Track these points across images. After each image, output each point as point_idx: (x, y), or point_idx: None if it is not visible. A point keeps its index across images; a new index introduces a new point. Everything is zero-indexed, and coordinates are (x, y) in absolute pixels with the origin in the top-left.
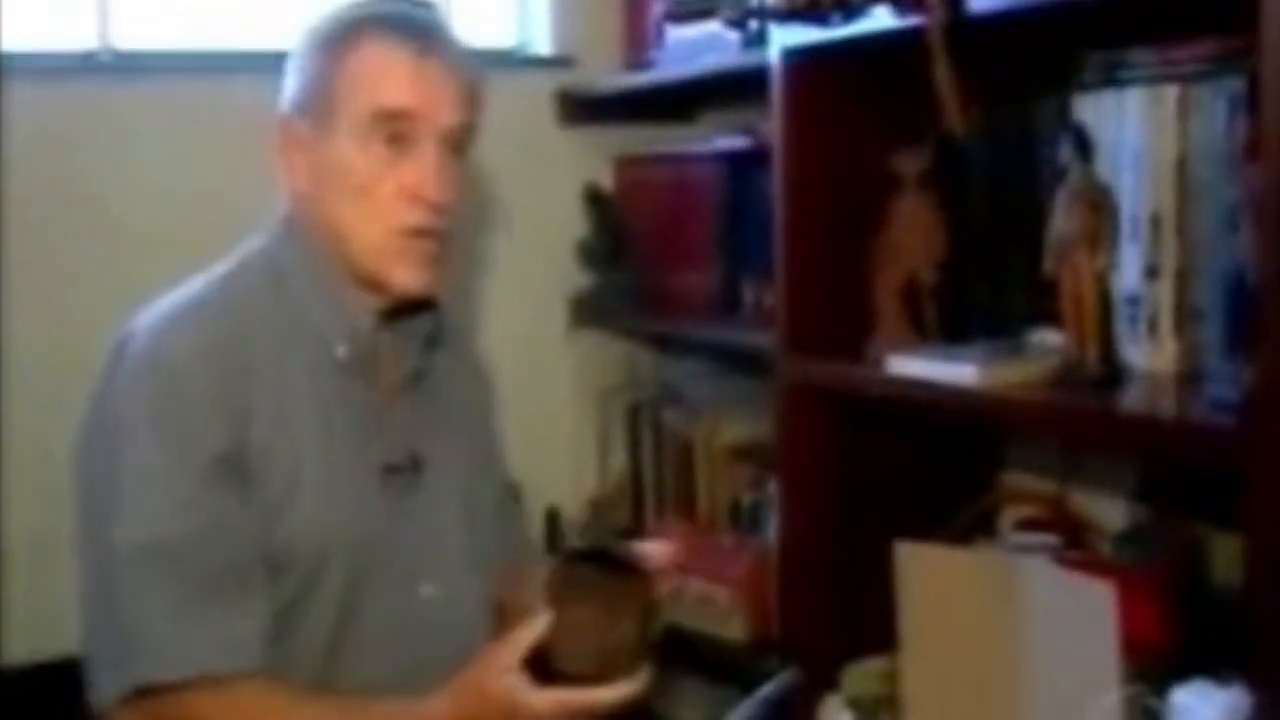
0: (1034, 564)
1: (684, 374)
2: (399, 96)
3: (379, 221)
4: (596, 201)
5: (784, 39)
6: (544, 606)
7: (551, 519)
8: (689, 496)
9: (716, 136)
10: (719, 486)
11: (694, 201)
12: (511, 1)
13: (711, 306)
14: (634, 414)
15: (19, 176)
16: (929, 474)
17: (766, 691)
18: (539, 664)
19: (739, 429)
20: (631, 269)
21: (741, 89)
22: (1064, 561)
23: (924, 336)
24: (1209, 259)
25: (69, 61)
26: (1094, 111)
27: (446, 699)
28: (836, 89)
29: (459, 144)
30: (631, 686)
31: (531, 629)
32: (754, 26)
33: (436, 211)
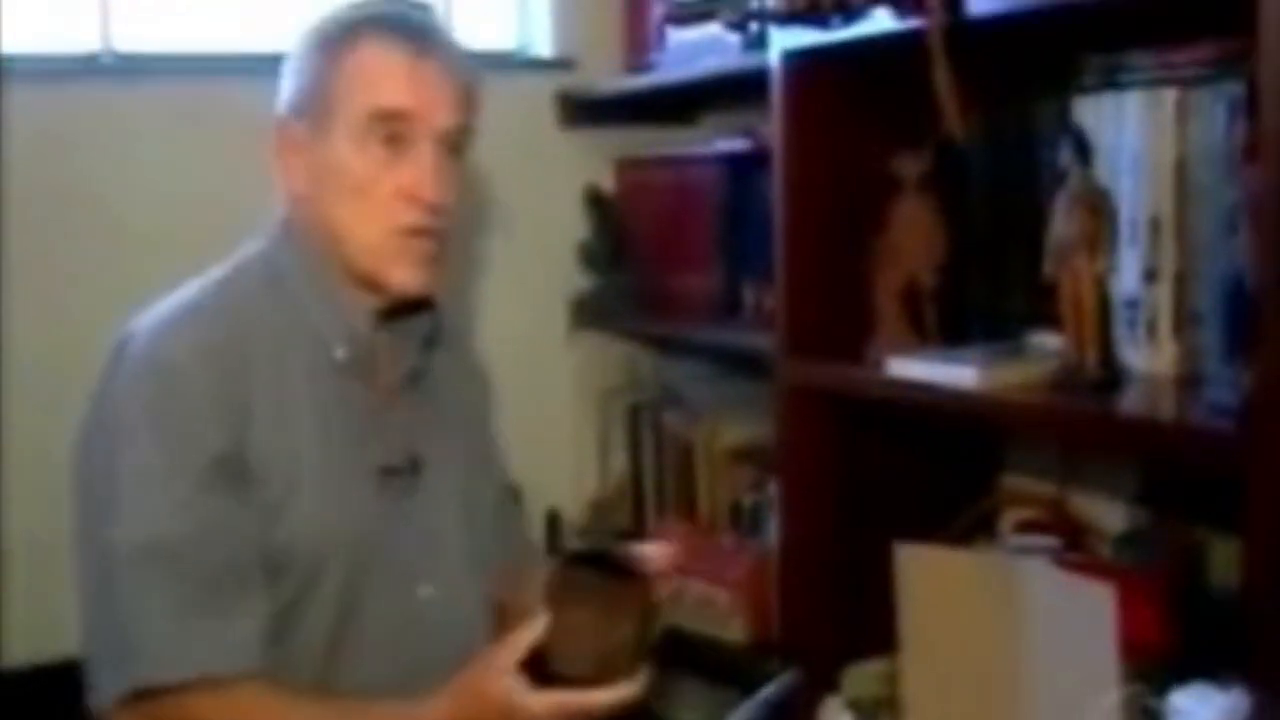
0: (1034, 566)
1: (684, 376)
2: (396, 97)
3: (376, 222)
4: (597, 203)
5: (784, 41)
6: (542, 609)
7: (552, 521)
8: (689, 498)
9: (717, 139)
10: (719, 488)
11: (694, 203)
12: (512, 4)
13: (712, 308)
14: (634, 416)
15: (20, 178)
16: (929, 476)
17: (767, 693)
18: (537, 666)
19: (739, 431)
20: (632, 271)
21: (742, 91)
22: (1064, 564)
23: (924, 339)
24: (1208, 262)
25: (71, 64)
26: (1093, 115)
27: (445, 701)
28: (836, 91)
29: (456, 145)
30: (630, 689)
31: (530, 631)
32: (754, 29)
33: (433, 211)
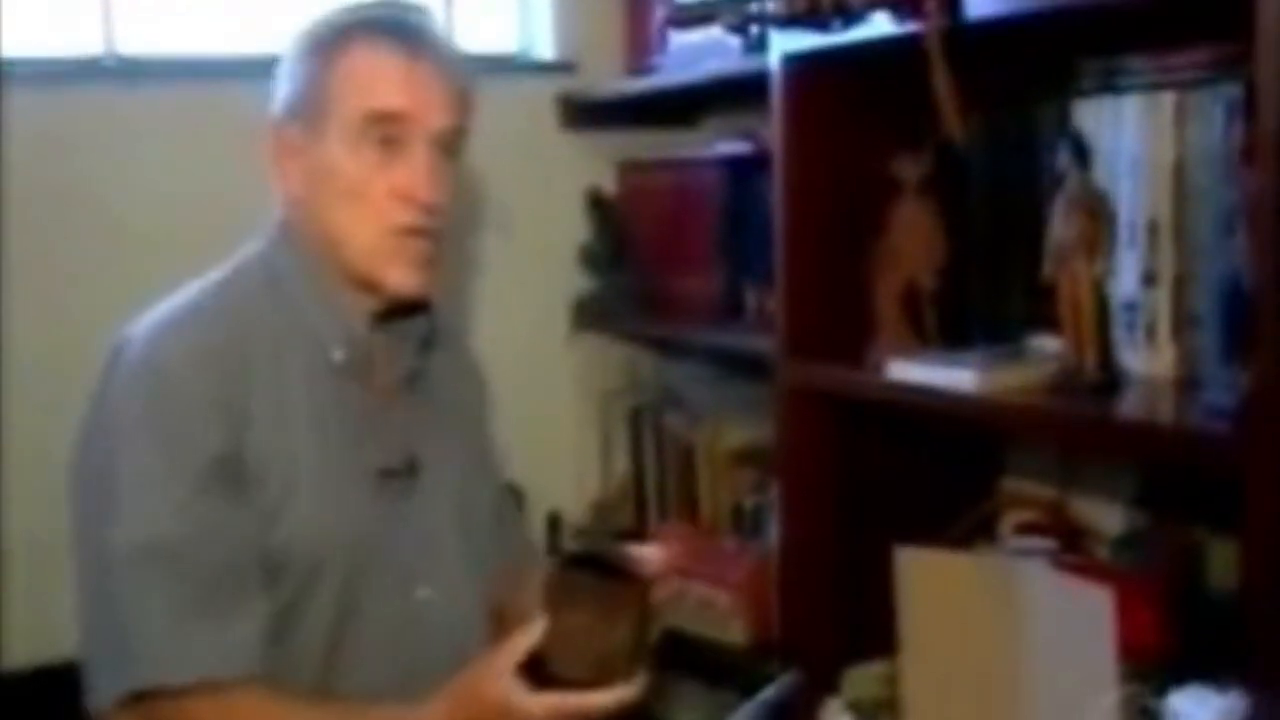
0: (1033, 568)
1: (685, 378)
2: (390, 99)
3: (372, 223)
4: (598, 206)
5: (784, 44)
6: (540, 611)
7: (553, 523)
8: (691, 500)
9: (718, 141)
10: (720, 490)
11: (695, 206)
12: (513, 7)
13: (713, 311)
14: (636, 418)
15: (21, 180)
16: (929, 478)
17: (767, 695)
18: (535, 668)
19: (740, 433)
20: (633, 273)
21: (742, 94)
22: (1063, 566)
23: (924, 342)
24: (1206, 265)
25: (73, 67)
26: (1092, 118)
27: (443, 703)
28: (836, 94)
29: (450, 146)
30: (628, 691)
31: (528, 633)
32: (755, 32)
33: (428, 212)
